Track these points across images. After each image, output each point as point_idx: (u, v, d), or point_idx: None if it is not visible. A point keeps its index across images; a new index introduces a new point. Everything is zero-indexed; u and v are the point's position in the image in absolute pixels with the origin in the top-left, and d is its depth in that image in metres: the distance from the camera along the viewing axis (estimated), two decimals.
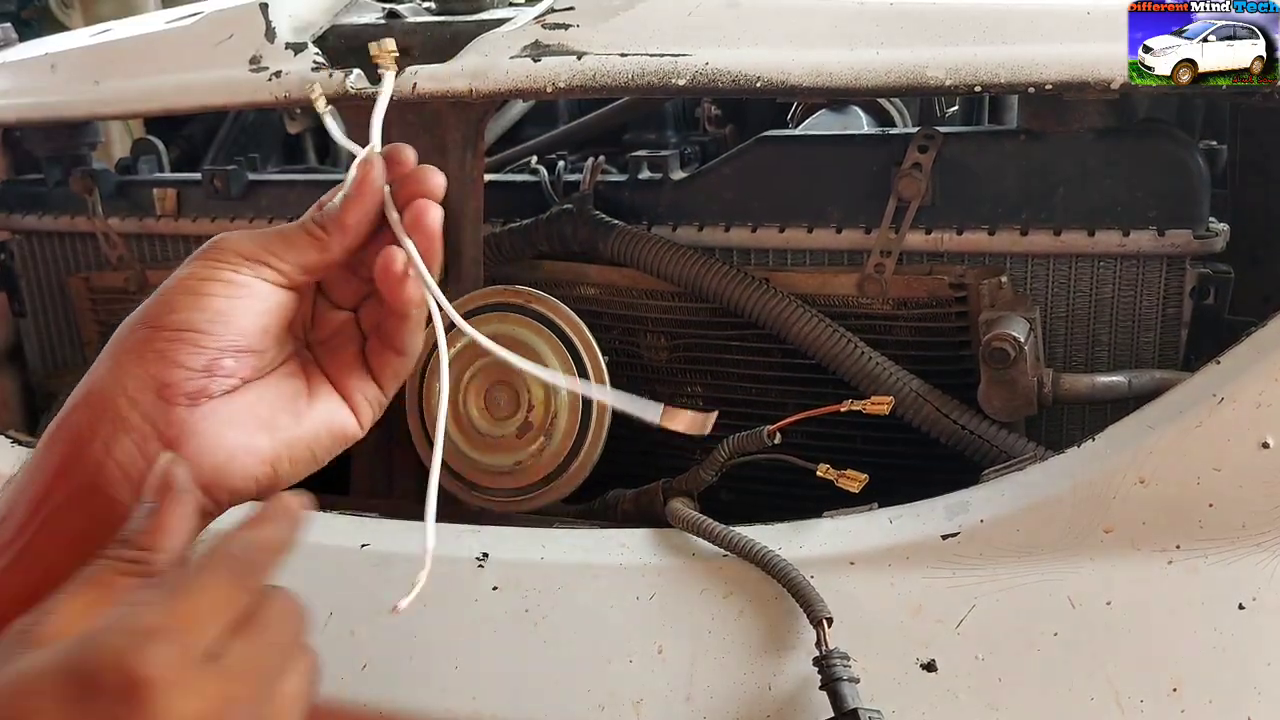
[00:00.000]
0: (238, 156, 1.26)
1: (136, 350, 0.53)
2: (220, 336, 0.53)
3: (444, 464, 0.85)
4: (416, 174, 0.57)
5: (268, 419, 0.55)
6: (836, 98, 1.14)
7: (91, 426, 0.52)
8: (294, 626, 0.45)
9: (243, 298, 0.54)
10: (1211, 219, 0.81)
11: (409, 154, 0.57)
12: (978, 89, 0.73)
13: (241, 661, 0.41)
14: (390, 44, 0.61)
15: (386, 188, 0.57)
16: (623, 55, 0.80)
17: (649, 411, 0.61)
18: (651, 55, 0.79)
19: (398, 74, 0.87)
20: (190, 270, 0.54)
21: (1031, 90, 0.72)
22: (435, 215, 0.56)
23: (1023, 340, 0.76)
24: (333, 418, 0.58)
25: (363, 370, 0.59)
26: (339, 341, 0.59)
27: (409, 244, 0.56)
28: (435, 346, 0.85)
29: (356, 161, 0.57)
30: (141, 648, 0.39)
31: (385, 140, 0.58)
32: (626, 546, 0.74)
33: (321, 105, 0.62)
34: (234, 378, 0.54)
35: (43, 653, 0.40)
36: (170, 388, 0.52)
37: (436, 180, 0.57)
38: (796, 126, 1.18)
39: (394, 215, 0.56)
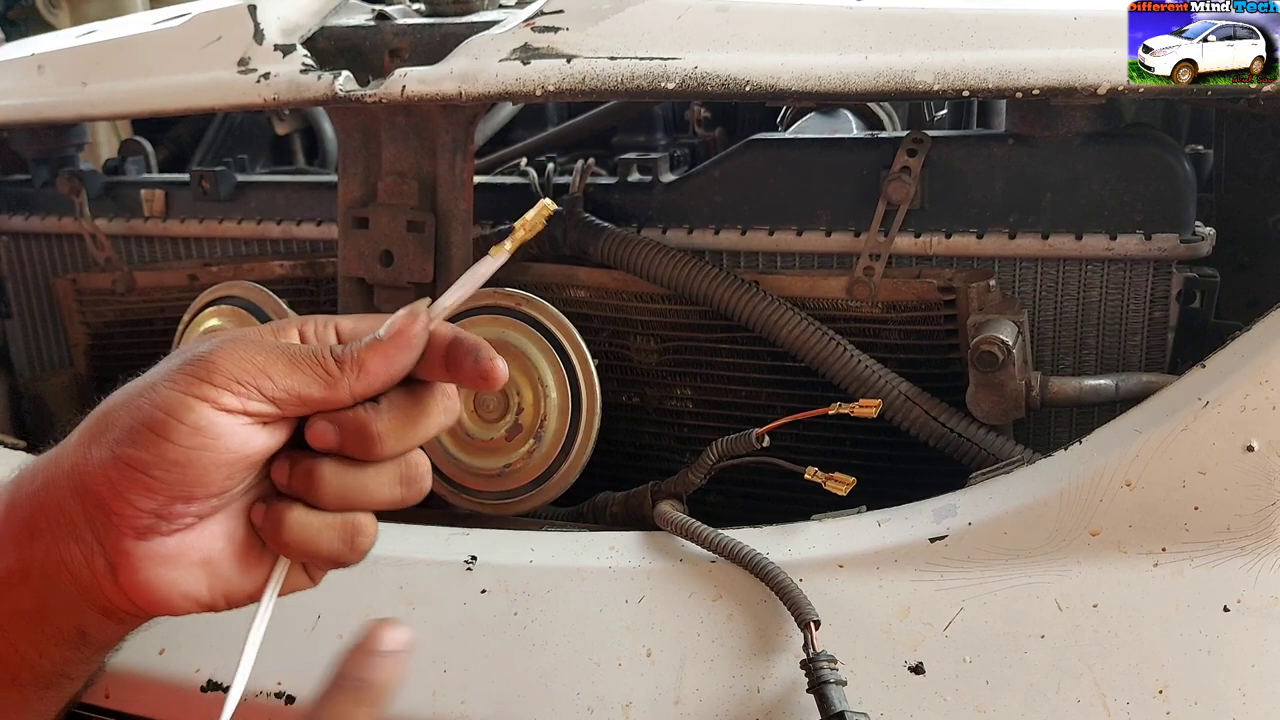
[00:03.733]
0: (225, 158, 1.26)
1: (99, 466, 0.49)
2: (175, 486, 0.48)
3: (433, 467, 0.85)
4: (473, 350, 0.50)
5: (214, 563, 0.51)
6: (826, 101, 1.15)
7: (49, 516, 0.50)
8: None
9: (209, 449, 0.48)
10: (1197, 223, 0.82)
11: (488, 357, 0.50)
12: (966, 93, 0.74)
13: None
14: (534, 218, 0.53)
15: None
16: (612, 59, 0.80)
17: None
18: (641, 59, 0.79)
19: (393, 75, 0.87)
20: (167, 393, 0.48)
21: (1019, 95, 0.73)
22: (501, 370, 0.51)
23: (1011, 344, 0.77)
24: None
25: None
26: None
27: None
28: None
29: (403, 310, 0.50)
30: None
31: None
32: (615, 549, 0.74)
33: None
34: (187, 518, 0.50)
35: None
36: (120, 518, 0.49)
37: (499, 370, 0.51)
38: (786, 129, 1.19)
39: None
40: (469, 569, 0.75)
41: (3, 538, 0.51)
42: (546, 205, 0.53)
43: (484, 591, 0.74)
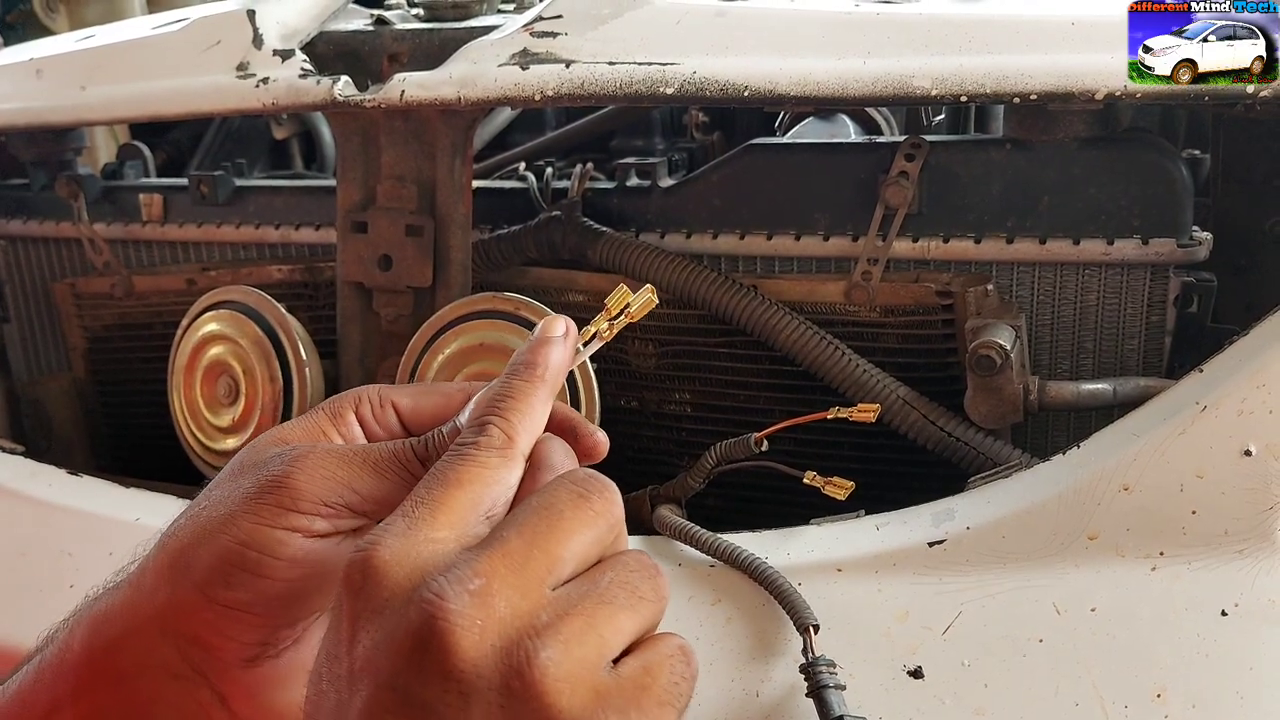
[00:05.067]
0: (224, 162, 1.26)
1: (192, 609, 0.46)
2: (280, 616, 0.46)
3: None
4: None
5: None
6: (824, 106, 1.15)
7: (136, 661, 0.47)
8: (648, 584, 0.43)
9: (312, 577, 0.46)
10: (1195, 228, 0.82)
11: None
12: (964, 99, 0.74)
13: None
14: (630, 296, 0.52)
15: None
16: (611, 64, 0.80)
17: None
18: (639, 64, 0.80)
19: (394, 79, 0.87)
20: (252, 528, 0.46)
21: (1017, 100, 0.73)
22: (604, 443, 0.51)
23: (1008, 348, 0.77)
24: None
25: None
26: None
27: None
28: (428, 344, 0.86)
29: (479, 395, 0.47)
30: (473, 637, 0.36)
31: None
32: None
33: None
34: (294, 636, 0.48)
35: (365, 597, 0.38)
36: (222, 652, 0.47)
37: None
38: (784, 134, 1.19)
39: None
40: None
41: (91, 680, 0.48)
42: (651, 292, 0.53)
43: None
